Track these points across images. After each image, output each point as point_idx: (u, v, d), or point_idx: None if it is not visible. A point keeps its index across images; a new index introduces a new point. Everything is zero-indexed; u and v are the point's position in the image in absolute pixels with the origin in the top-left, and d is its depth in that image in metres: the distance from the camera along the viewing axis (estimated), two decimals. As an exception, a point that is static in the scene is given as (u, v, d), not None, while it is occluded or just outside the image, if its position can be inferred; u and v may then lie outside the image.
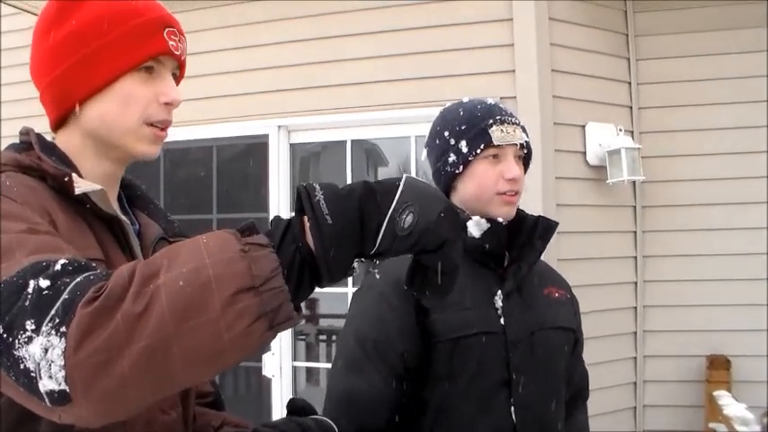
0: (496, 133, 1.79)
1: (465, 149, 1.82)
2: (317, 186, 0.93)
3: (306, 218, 0.92)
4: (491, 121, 1.81)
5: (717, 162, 4.36)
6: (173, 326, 0.81)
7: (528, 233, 1.84)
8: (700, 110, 4.40)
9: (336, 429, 1.25)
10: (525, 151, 1.84)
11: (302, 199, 0.93)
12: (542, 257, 1.92)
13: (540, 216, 1.88)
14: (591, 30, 4.35)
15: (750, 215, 4.30)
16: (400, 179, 0.96)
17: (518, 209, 1.89)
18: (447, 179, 1.86)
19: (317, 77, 4.38)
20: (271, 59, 4.47)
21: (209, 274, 0.83)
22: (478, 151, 1.80)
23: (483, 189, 1.81)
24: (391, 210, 0.92)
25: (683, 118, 4.41)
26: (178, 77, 1.27)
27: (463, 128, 1.83)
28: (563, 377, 1.87)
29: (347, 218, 0.91)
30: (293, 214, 0.95)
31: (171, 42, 1.20)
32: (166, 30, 1.20)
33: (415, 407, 1.73)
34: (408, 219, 0.92)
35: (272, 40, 4.48)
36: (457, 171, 1.83)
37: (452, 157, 1.83)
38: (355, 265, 0.95)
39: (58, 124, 1.23)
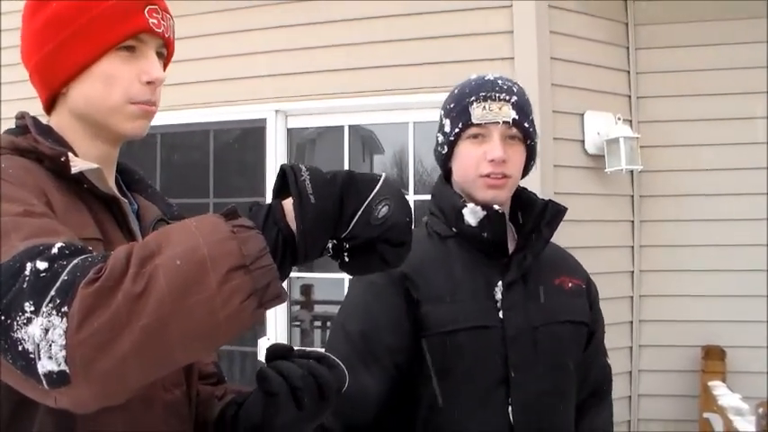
0: (477, 111, 1.65)
1: (447, 129, 1.71)
2: (303, 167, 0.98)
3: (284, 202, 0.97)
4: (473, 98, 1.67)
5: (715, 152, 4.35)
6: (172, 303, 0.83)
7: (535, 220, 1.70)
8: (699, 99, 4.38)
9: (347, 373, 1.20)
10: (514, 130, 1.67)
11: (288, 177, 0.97)
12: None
13: (549, 200, 1.73)
14: (590, 18, 4.33)
15: (748, 206, 4.29)
16: (380, 175, 1.01)
17: (528, 192, 1.78)
18: (440, 161, 1.78)
19: (315, 62, 4.35)
20: (269, 43, 4.44)
21: (203, 254, 0.85)
22: (458, 130, 1.69)
23: (466, 171, 1.69)
24: (370, 198, 0.97)
25: (681, 107, 4.39)
26: (166, 57, 1.25)
27: (451, 106, 1.72)
28: (572, 376, 1.72)
29: (329, 199, 0.96)
30: (272, 199, 1.00)
31: (152, 20, 1.18)
32: (147, 8, 1.18)
33: (408, 403, 1.63)
34: (384, 210, 0.97)
35: (271, 24, 4.45)
36: (443, 152, 1.74)
37: (440, 138, 1.74)
38: (329, 245, 1.00)
39: (50, 106, 1.22)
